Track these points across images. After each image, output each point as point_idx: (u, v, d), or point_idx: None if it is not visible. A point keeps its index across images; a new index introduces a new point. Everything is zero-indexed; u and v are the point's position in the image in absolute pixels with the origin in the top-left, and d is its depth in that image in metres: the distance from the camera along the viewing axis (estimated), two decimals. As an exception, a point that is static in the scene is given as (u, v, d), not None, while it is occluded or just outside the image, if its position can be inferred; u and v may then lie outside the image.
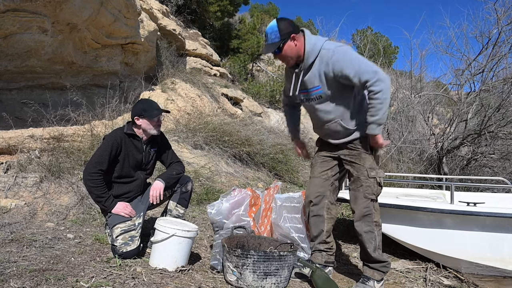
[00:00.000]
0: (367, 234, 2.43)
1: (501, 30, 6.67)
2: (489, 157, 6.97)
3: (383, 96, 2.25)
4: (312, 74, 2.38)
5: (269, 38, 2.33)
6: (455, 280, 3.08)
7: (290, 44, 2.34)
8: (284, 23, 2.32)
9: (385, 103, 2.26)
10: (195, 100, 7.90)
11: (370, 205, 2.42)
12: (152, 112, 2.79)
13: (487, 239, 3.09)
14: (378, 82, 2.23)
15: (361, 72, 2.24)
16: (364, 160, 2.43)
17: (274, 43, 2.32)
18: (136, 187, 2.91)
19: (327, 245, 2.64)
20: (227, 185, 5.47)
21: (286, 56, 2.38)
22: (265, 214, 2.96)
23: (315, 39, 2.38)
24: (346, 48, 2.34)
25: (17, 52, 4.79)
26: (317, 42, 2.35)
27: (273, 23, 2.33)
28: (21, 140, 4.29)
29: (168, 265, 2.48)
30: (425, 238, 3.23)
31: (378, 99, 2.25)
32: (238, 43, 13.49)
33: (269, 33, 2.32)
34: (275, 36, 2.31)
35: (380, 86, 2.23)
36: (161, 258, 2.50)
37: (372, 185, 2.42)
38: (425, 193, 4.41)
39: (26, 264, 2.34)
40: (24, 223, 3.25)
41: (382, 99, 2.25)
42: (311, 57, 2.35)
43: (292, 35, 2.32)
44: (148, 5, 8.14)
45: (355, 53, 2.33)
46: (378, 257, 2.45)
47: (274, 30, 2.30)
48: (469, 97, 7.17)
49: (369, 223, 2.43)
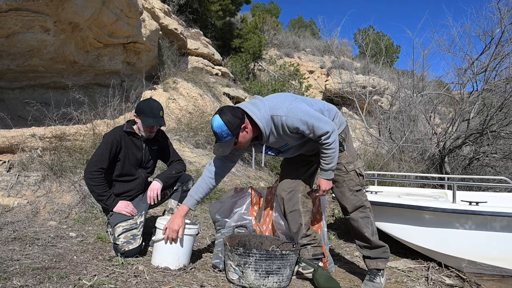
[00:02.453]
0: (363, 219, 2.50)
1: (504, 29, 6.66)
2: (491, 157, 6.96)
3: (335, 145, 2.34)
4: (275, 138, 2.40)
5: (221, 137, 2.24)
6: (457, 279, 3.08)
7: (242, 134, 2.28)
8: (228, 117, 2.21)
9: (337, 151, 2.37)
10: (196, 100, 7.90)
11: (358, 195, 2.52)
12: (147, 120, 2.76)
13: (489, 239, 3.08)
14: (331, 135, 2.30)
15: (315, 129, 2.29)
16: (340, 158, 2.48)
17: (228, 142, 2.25)
18: (138, 186, 2.92)
19: (309, 237, 2.64)
20: (229, 184, 5.47)
21: (242, 143, 2.33)
22: (267, 213, 2.96)
23: (259, 111, 2.29)
24: (295, 106, 2.30)
25: (20, 52, 4.81)
26: (264, 114, 2.29)
27: (219, 122, 2.21)
28: (24, 139, 4.30)
29: (171, 264, 2.48)
30: (427, 237, 3.23)
31: (332, 149, 2.34)
32: (240, 43, 13.49)
33: (219, 132, 2.22)
34: (226, 135, 2.22)
35: (332, 137, 2.31)
36: (163, 257, 2.50)
37: (354, 177, 2.51)
38: (427, 193, 4.41)
39: (29, 262, 2.34)
40: (26, 221, 3.26)
41: (335, 149, 2.35)
42: (267, 129, 2.32)
43: (242, 126, 2.25)
44: (150, 5, 8.14)
45: (305, 110, 2.30)
46: (377, 242, 2.51)
47: (224, 130, 2.21)
48: (471, 96, 7.15)
49: (362, 209, 2.52)
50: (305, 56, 18.42)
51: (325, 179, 2.46)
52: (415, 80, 8.44)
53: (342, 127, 2.55)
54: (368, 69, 12.99)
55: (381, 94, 14.66)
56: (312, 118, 2.30)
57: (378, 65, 11.15)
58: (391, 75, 12.85)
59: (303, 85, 14.16)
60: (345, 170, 2.51)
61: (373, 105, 10.46)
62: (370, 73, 12.45)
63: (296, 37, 20.07)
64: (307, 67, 17.45)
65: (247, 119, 2.30)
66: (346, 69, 14.12)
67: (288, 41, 18.95)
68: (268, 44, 17.10)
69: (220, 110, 2.28)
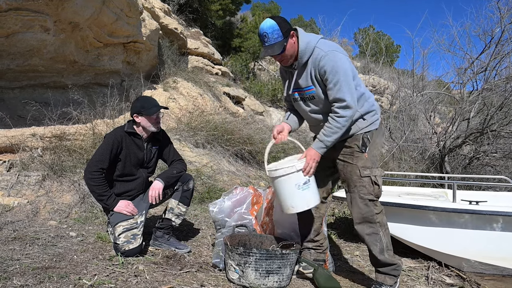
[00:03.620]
0: (370, 236, 2.34)
1: (504, 29, 6.66)
2: (491, 156, 6.96)
3: (344, 122, 2.22)
4: (306, 73, 2.31)
5: (271, 38, 2.21)
6: (457, 278, 3.08)
7: (291, 41, 2.25)
8: (281, 20, 2.23)
9: (342, 130, 2.23)
10: (196, 99, 7.90)
11: (370, 205, 2.32)
12: (151, 109, 2.79)
13: (489, 238, 3.09)
14: (347, 109, 2.20)
15: (337, 87, 2.19)
16: (357, 159, 2.34)
17: (278, 43, 2.21)
18: (138, 185, 2.92)
19: (316, 243, 2.63)
20: (229, 183, 5.47)
21: (287, 55, 2.28)
22: (267, 213, 2.96)
23: (308, 37, 2.30)
24: (340, 56, 2.23)
25: (20, 51, 4.80)
26: (311, 41, 2.27)
27: (271, 22, 2.22)
28: (24, 138, 4.30)
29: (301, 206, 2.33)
30: (427, 236, 3.23)
31: (338, 123, 2.22)
32: (240, 42, 13.48)
33: (269, 32, 2.20)
34: (277, 35, 2.20)
35: (347, 112, 2.20)
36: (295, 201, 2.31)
37: (367, 185, 2.32)
38: (427, 192, 4.41)
39: (29, 262, 2.35)
40: (26, 221, 3.26)
41: (341, 126, 2.22)
42: (305, 56, 2.28)
43: (291, 32, 2.25)
44: (150, 4, 8.13)
45: (346, 66, 2.23)
46: (386, 260, 2.36)
47: (275, 29, 2.19)
48: (471, 95, 7.15)
49: (371, 224, 2.33)
50: (305, 56, 18.39)
51: (314, 149, 2.28)
52: (415, 80, 8.44)
53: (372, 127, 2.38)
54: (368, 68, 12.99)
55: (381, 93, 14.66)
56: (344, 76, 2.19)
57: (378, 65, 11.16)
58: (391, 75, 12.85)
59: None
60: (359, 174, 2.32)
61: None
62: (370, 73, 12.45)
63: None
64: (307, 67, 17.42)
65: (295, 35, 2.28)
66: (346, 69, 14.08)
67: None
68: (268, 43, 17.06)
69: (270, 16, 2.31)
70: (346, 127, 2.24)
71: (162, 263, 2.58)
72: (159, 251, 2.84)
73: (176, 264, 2.61)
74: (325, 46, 2.25)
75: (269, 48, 2.23)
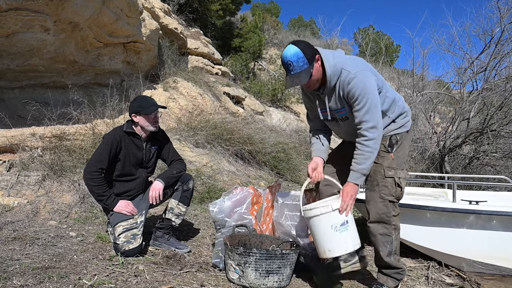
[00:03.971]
0: (382, 236, 2.31)
1: (504, 29, 6.66)
2: (491, 156, 6.96)
3: (374, 145, 2.17)
4: (335, 96, 2.26)
5: (296, 66, 2.13)
6: (457, 278, 3.08)
7: (316, 66, 2.18)
8: (304, 46, 2.15)
9: (374, 153, 2.18)
10: (196, 99, 7.90)
11: (389, 206, 2.29)
12: (149, 108, 2.78)
13: (489, 238, 3.09)
14: (374, 130, 2.15)
15: (367, 109, 2.14)
16: (383, 158, 2.30)
17: (304, 71, 2.13)
18: (138, 185, 2.92)
19: None
20: (229, 183, 5.47)
21: (313, 80, 2.21)
22: (267, 213, 2.96)
23: (333, 58, 2.22)
24: (368, 76, 2.18)
25: (20, 51, 4.80)
26: (337, 63, 2.20)
27: (295, 49, 2.13)
28: (23, 138, 4.30)
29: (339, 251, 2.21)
30: (427, 236, 3.23)
31: (369, 147, 2.16)
32: (240, 42, 13.49)
33: (294, 61, 2.12)
34: (303, 63, 2.12)
35: (374, 133, 2.15)
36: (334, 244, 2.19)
37: (390, 186, 2.28)
38: (427, 192, 4.41)
39: (29, 262, 2.35)
40: (26, 221, 3.26)
41: (373, 149, 2.17)
42: (333, 79, 2.21)
43: (316, 57, 2.17)
44: (150, 4, 8.13)
45: (372, 86, 2.18)
46: (392, 263, 2.34)
47: (300, 57, 2.11)
48: (471, 95, 7.15)
49: (386, 225, 2.30)
50: (305, 56, 18.41)
51: (352, 182, 2.20)
52: (415, 80, 8.44)
53: (402, 130, 2.36)
54: (368, 68, 12.95)
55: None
56: (372, 99, 2.14)
57: (378, 65, 11.15)
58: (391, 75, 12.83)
59: (303, 85, 14.14)
60: (383, 174, 2.28)
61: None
62: (370, 73, 12.43)
63: (296, 37, 20.05)
64: (307, 67, 17.44)
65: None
66: (346, 69, 14.08)
67: (288, 40, 18.87)
68: (268, 43, 17.10)
69: (293, 41, 2.20)
70: (377, 150, 2.19)
71: (162, 263, 2.58)
72: (159, 251, 2.84)
73: (176, 264, 2.61)
74: (352, 67, 2.19)
75: (296, 78, 2.16)
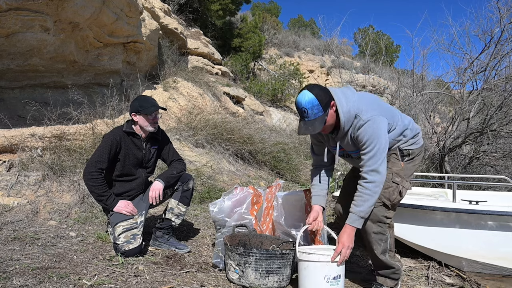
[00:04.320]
0: (376, 235, 2.31)
1: (504, 29, 6.64)
2: (491, 156, 6.95)
3: (375, 188, 2.14)
4: (347, 139, 2.27)
5: (310, 114, 2.11)
6: (457, 278, 3.08)
7: (331, 112, 2.17)
8: (319, 92, 2.13)
9: (374, 197, 2.14)
10: (196, 99, 7.91)
11: (385, 208, 2.30)
12: (149, 108, 2.79)
13: (489, 238, 3.08)
14: (375, 173, 2.13)
15: (373, 155, 2.14)
16: (393, 164, 2.32)
17: (319, 118, 2.12)
18: (138, 185, 2.92)
19: None
20: (229, 183, 5.47)
21: (327, 126, 2.20)
22: (267, 212, 2.96)
23: (346, 104, 2.18)
24: (379, 121, 2.17)
25: (20, 51, 4.80)
26: (351, 109, 2.18)
27: (309, 96, 2.11)
28: (23, 138, 4.30)
29: None
30: (427, 236, 3.22)
31: (368, 189, 2.13)
32: (240, 42, 13.48)
33: (309, 108, 2.10)
34: (317, 110, 2.10)
35: (375, 177, 2.13)
36: None
37: (392, 190, 2.28)
38: (427, 192, 4.40)
39: (29, 262, 2.35)
40: (26, 221, 3.26)
41: (372, 192, 2.14)
42: (347, 126, 2.21)
43: (331, 103, 2.16)
44: (150, 4, 8.13)
45: (383, 132, 2.17)
46: (386, 261, 2.35)
47: (315, 104, 2.10)
48: (471, 95, 7.14)
49: (381, 224, 2.30)
50: (305, 55, 18.43)
51: (350, 225, 2.15)
52: (414, 80, 8.42)
53: (414, 146, 2.41)
54: (368, 68, 12.98)
55: (381, 93, 14.65)
56: (379, 145, 2.14)
57: (378, 64, 11.15)
58: (391, 74, 12.84)
59: (303, 84, 14.13)
60: (390, 177, 2.26)
61: (373, 104, 10.39)
62: (370, 72, 12.44)
63: (296, 37, 20.08)
64: (307, 66, 17.46)
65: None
66: (346, 68, 14.14)
67: (288, 40, 18.97)
68: (268, 43, 17.11)
69: (307, 86, 2.19)
70: (377, 194, 2.15)
71: (162, 263, 2.58)
72: (159, 251, 2.84)
73: (176, 264, 2.61)
74: (365, 113, 2.17)
75: (310, 125, 2.14)
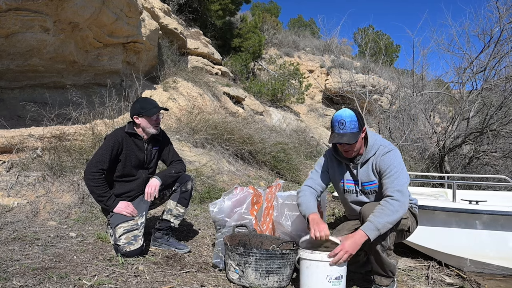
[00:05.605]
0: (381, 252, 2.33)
1: (503, 28, 6.65)
2: (491, 156, 6.95)
3: (398, 207, 2.17)
4: (367, 168, 2.39)
5: (347, 126, 2.28)
6: (457, 278, 3.08)
7: (362, 136, 2.35)
8: (358, 114, 2.33)
9: (395, 215, 2.16)
10: (196, 99, 7.90)
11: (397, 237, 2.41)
12: (151, 110, 2.79)
13: (489, 237, 3.09)
14: (400, 194, 2.21)
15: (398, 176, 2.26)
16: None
17: (354, 133, 2.28)
18: (138, 186, 2.91)
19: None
20: (229, 183, 5.47)
21: (354, 147, 2.34)
22: (267, 213, 2.96)
23: (374, 135, 2.45)
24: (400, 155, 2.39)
25: (19, 51, 4.80)
26: (376, 140, 2.41)
27: (350, 112, 2.31)
28: (23, 139, 4.29)
29: None
30: (427, 236, 3.22)
31: (392, 205, 2.17)
32: (240, 42, 13.47)
33: (348, 121, 2.28)
34: (354, 126, 2.28)
35: (400, 197, 2.20)
36: None
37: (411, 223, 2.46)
38: (427, 192, 4.41)
39: (29, 263, 2.34)
40: (26, 221, 3.26)
41: (395, 209, 2.16)
42: (371, 151, 2.38)
43: (364, 128, 2.35)
44: (149, 4, 8.13)
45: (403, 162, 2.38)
46: (384, 260, 2.35)
47: (353, 120, 2.28)
48: (471, 95, 7.14)
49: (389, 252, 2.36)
50: (305, 55, 18.43)
51: (363, 231, 2.15)
52: (414, 79, 8.43)
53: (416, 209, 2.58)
54: (368, 68, 13.00)
55: (381, 93, 14.66)
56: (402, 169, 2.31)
57: (378, 64, 11.15)
58: (390, 74, 12.84)
59: (303, 84, 14.15)
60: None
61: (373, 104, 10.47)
62: (370, 72, 12.45)
63: (296, 37, 20.07)
64: (307, 66, 17.46)
65: None
66: (346, 68, 14.14)
67: (288, 40, 18.96)
68: (268, 43, 17.10)
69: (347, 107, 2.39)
70: (399, 214, 2.18)
71: (162, 263, 2.58)
72: (159, 251, 2.84)
73: (176, 264, 2.61)
74: (389, 145, 2.41)
75: (344, 136, 2.28)
